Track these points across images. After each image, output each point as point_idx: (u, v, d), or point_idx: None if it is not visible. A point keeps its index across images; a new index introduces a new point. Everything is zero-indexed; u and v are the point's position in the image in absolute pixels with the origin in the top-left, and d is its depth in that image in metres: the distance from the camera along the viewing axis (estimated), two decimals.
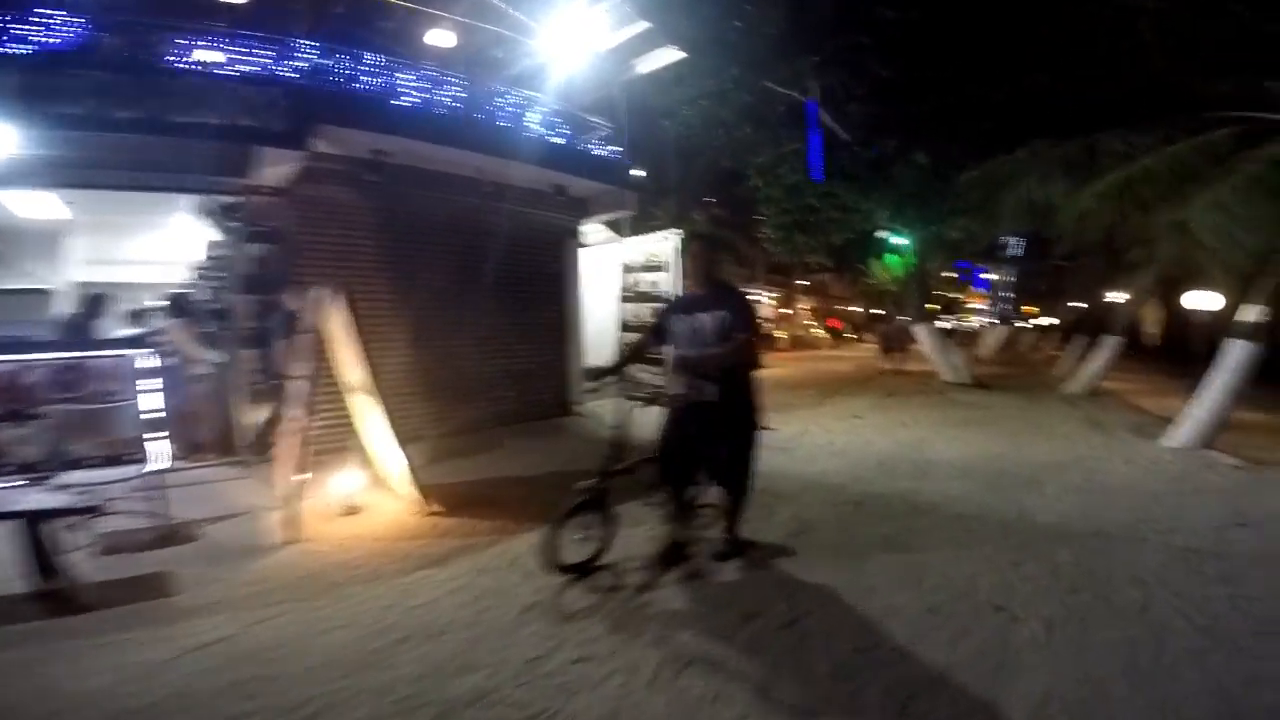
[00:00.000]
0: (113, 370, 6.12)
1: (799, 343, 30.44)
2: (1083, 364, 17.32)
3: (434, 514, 4.99)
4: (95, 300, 7.02)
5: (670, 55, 10.35)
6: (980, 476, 6.09)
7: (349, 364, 5.00)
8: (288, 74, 6.65)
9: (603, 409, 9.59)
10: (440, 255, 8.10)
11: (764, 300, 34.85)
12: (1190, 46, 7.79)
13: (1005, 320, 25.14)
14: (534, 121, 8.54)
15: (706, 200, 23.76)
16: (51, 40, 5.86)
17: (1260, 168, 6.56)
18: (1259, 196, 6.39)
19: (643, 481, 3.99)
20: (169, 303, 7.21)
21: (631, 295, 10.29)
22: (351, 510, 5.00)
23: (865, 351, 29.08)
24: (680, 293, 9.13)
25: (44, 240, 9.19)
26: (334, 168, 7.05)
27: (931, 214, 13.37)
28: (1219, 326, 8.99)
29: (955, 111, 11.89)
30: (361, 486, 5.14)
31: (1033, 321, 35.52)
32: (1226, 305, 10.07)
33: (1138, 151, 8.04)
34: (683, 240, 9.25)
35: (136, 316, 7.66)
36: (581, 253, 11.43)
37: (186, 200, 7.40)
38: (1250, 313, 7.34)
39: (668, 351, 3.87)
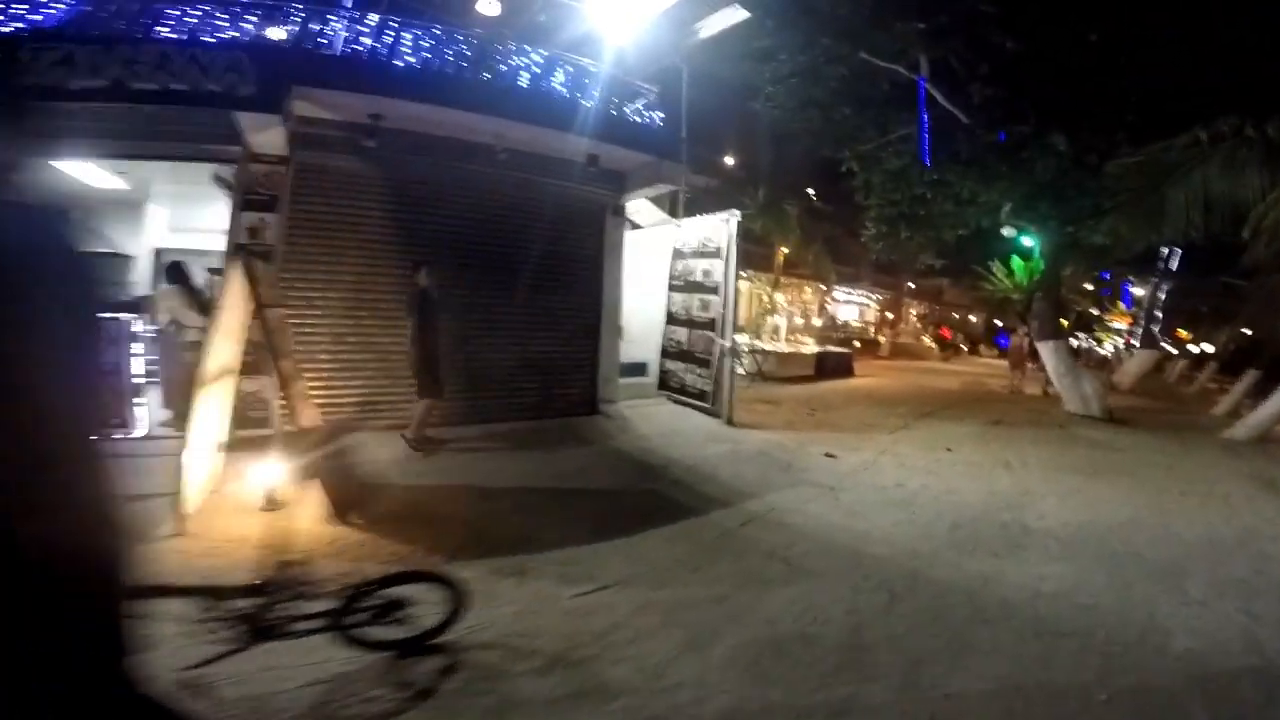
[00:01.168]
0: (110, 334, 5.85)
1: (901, 351, 27.86)
2: (1249, 403, 14.36)
3: (349, 524, 4.23)
4: (173, 266, 6.96)
5: (734, 15, 9.05)
6: (1095, 555, 4.46)
7: (230, 339, 4.28)
8: (268, 37, 6.36)
9: (637, 411, 8.58)
10: (451, 229, 7.43)
11: (859, 302, 32.34)
12: None
13: (1152, 344, 21.50)
14: (559, 82, 7.52)
15: (804, 190, 21.87)
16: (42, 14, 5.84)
17: None
18: None
19: None
20: (166, 269, 6.94)
21: (681, 284, 9.12)
22: (272, 505, 4.23)
23: (979, 367, 26.24)
24: (732, 282, 8.09)
25: (124, 209, 9.26)
26: (331, 134, 6.74)
27: (1070, 211, 11.16)
28: None
29: (1103, 88, 9.73)
30: (285, 479, 4.33)
31: (1186, 348, 30.62)
32: None
33: None
34: (740, 223, 7.97)
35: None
36: (631, 235, 10.40)
37: None
38: None
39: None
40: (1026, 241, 13.45)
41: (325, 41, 6.53)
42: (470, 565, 3.70)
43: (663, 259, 9.56)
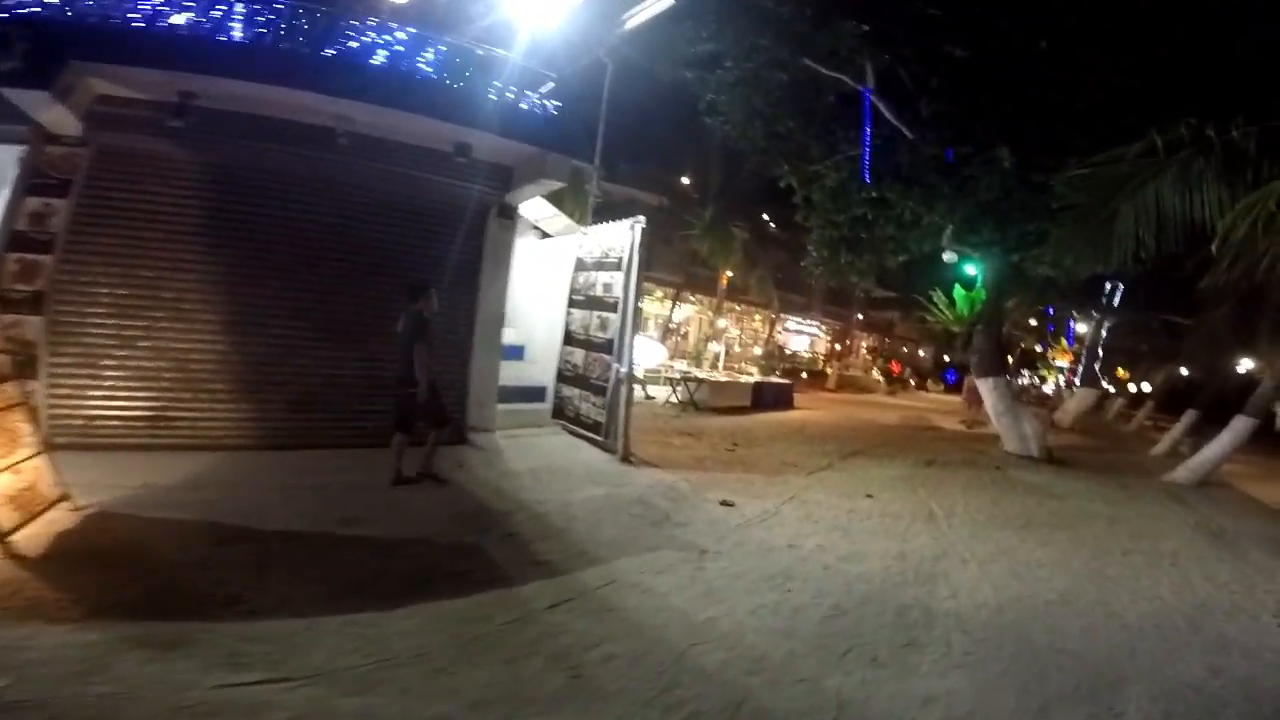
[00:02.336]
0: None
1: (848, 384, 27.23)
2: (1187, 442, 13.89)
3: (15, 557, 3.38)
4: None
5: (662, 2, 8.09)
6: (1011, 657, 3.35)
7: None
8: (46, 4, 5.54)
9: (517, 442, 7.37)
10: (285, 223, 6.29)
11: (810, 332, 31.81)
12: None
13: (1093, 382, 21.22)
14: (425, 63, 6.51)
15: (754, 212, 21.13)
16: None
17: None
18: None
19: None
20: None
21: (581, 299, 8.00)
22: None
23: (924, 402, 25.74)
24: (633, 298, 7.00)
25: None
26: (137, 114, 5.82)
27: (1013, 236, 10.47)
28: None
29: (1053, 100, 9.08)
30: None
31: (1125, 387, 30.77)
32: None
33: None
34: (645, 232, 6.92)
35: None
36: (538, 244, 9.28)
37: None
38: None
39: None
40: (970, 270, 12.75)
41: (118, 10, 5.66)
42: (107, 628, 2.82)
43: (565, 270, 8.45)
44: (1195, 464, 9.89)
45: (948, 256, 10.85)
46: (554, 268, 8.69)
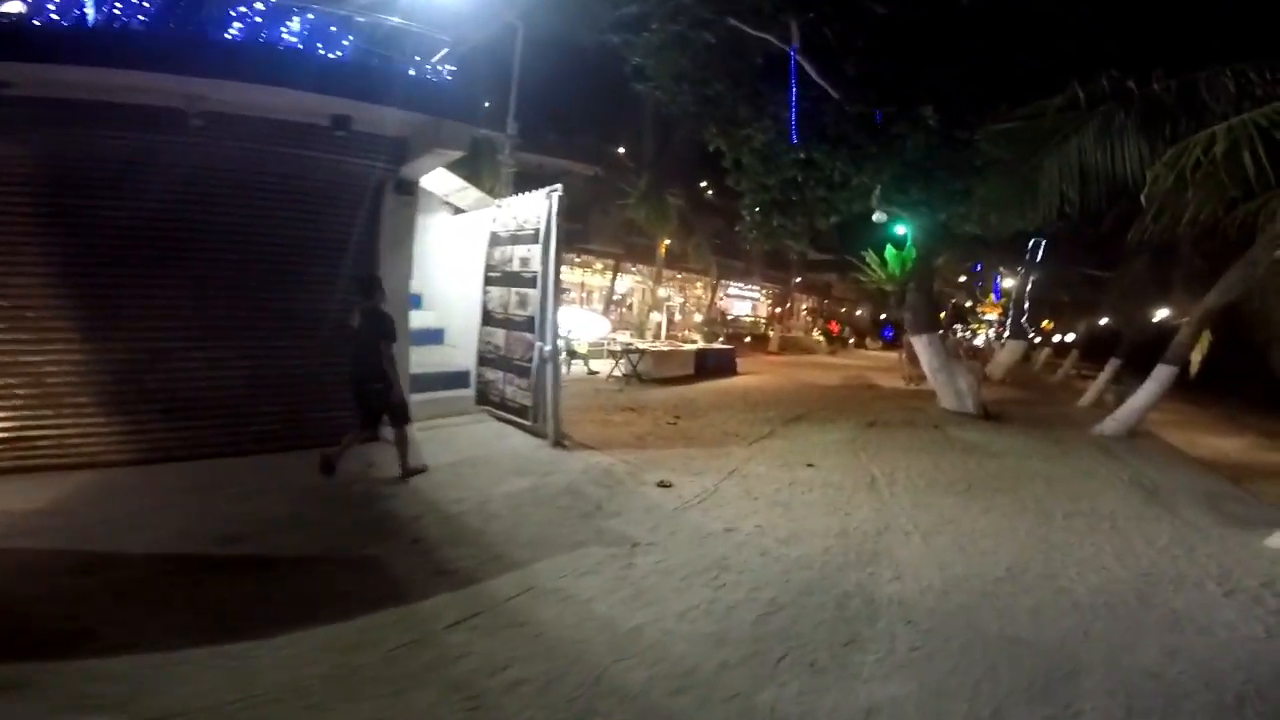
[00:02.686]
0: None
1: (790, 346, 27.42)
2: (1110, 391, 14.43)
3: None
4: None
5: None
6: (960, 651, 3.11)
7: None
8: None
9: (439, 434, 6.83)
10: (141, 216, 5.48)
11: (751, 296, 31.87)
12: None
13: (1020, 334, 21.93)
14: (289, 33, 5.87)
15: (690, 180, 20.68)
16: None
17: None
18: None
19: None
20: None
21: (498, 276, 7.44)
22: None
23: (864, 360, 26.18)
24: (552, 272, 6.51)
25: None
26: None
27: (940, 194, 10.39)
28: None
29: (975, 57, 8.92)
30: None
31: (1050, 338, 32.12)
32: None
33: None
34: (561, 201, 6.38)
35: None
36: (452, 221, 8.62)
37: None
38: None
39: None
40: (901, 230, 12.70)
41: None
42: None
43: (479, 247, 7.83)
44: (1122, 415, 10.15)
45: (877, 216, 10.71)
46: (470, 244, 8.05)
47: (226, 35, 5.87)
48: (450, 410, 7.50)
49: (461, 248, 8.29)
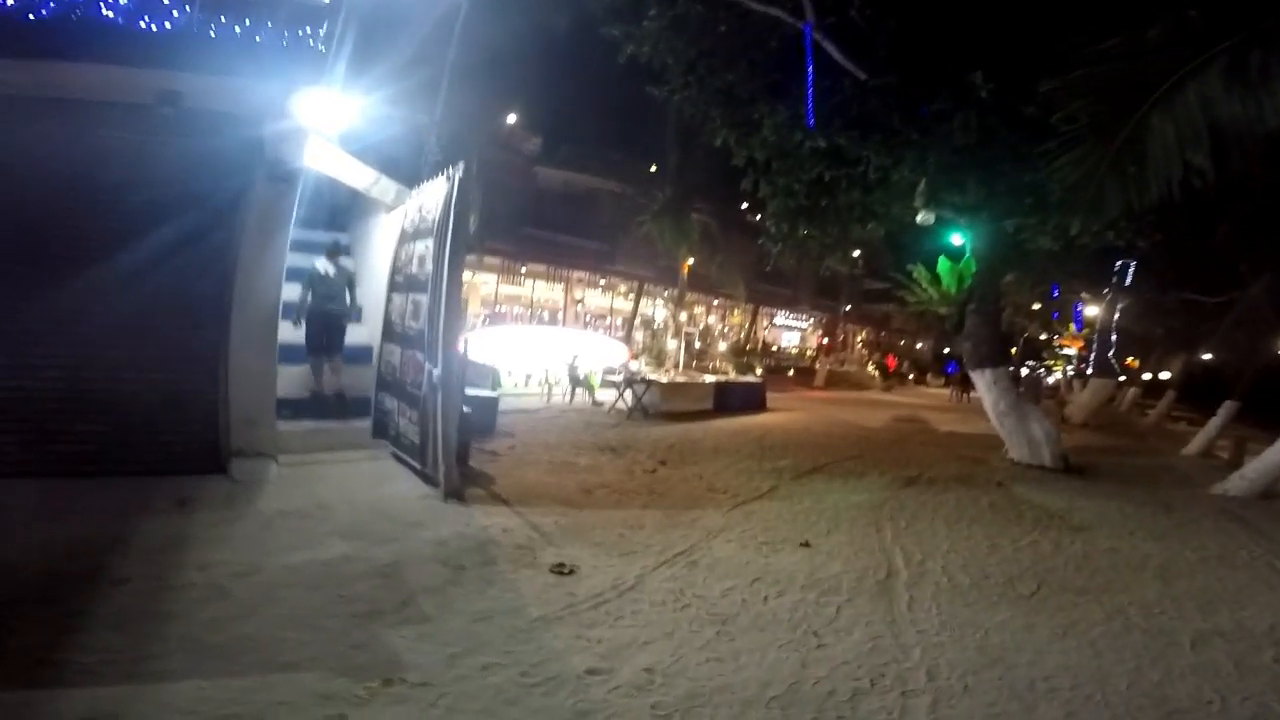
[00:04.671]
0: None
1: (840, 380, 25.02)
2: (1221, 439, 11.70)
3: None
4: None
5: None
6: None
7: None
8: None
9: (305, 472, 5.24)
10: None
11: (799, 326, 29.60)
12: None
13: (1107, 371, 18.91)
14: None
15: (718, 193, 18.94)
16: None
17: None
18: None
19: None
20: None
21: (402, 281, 5.85)
22: None
23: (921, 398, 23.49)
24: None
25: None
26: None
27: (1001, 193, 8.32)
28: None
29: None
30: None
31: (1139, 377, 28.22)
32: None
33: None
34: (462, 184, 4.76)
35: None
36: (382, 220, 7.16)
37: None
38: None
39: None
40: (956, 240, 10.53)
41: None
42: None
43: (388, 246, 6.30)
44: (1254, 471, 7.66)
45: (922, 218, 8.63)
46: (377, 243, 6.57)
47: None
48: (342, 443, 5.90)
49: (386, 249, 6.80)
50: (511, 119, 19.66)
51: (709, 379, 14.55)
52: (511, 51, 14.77)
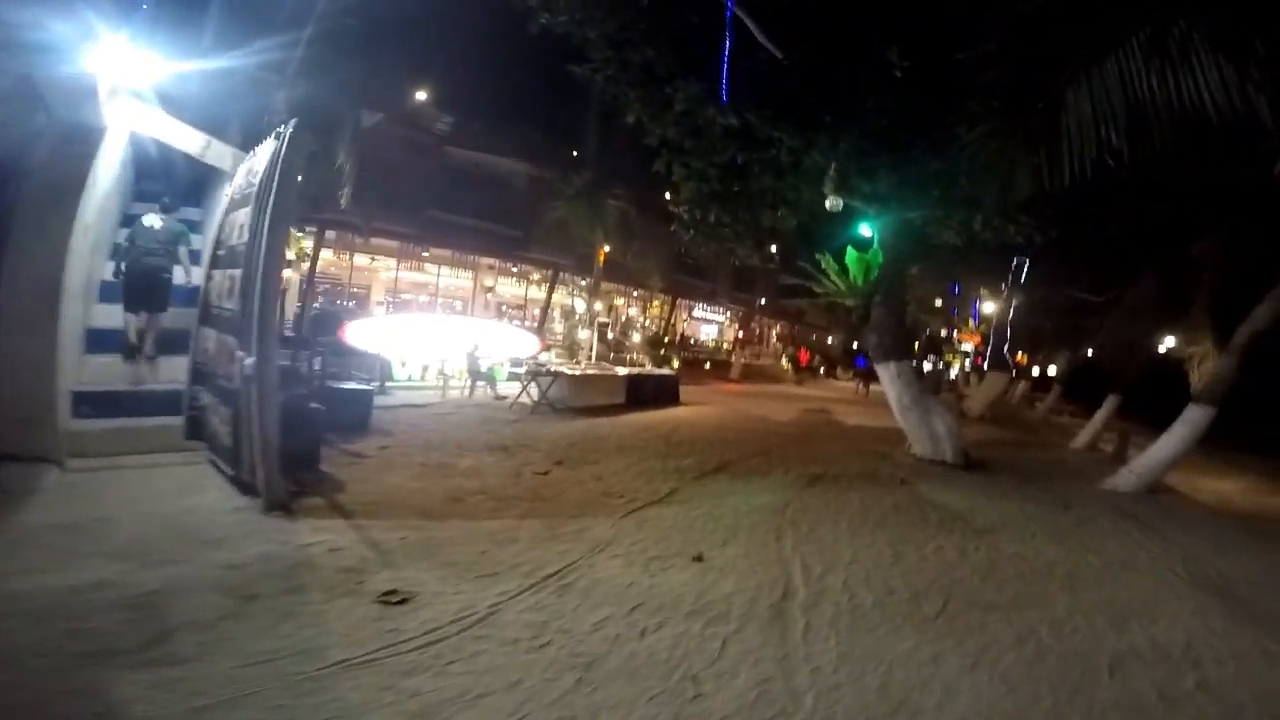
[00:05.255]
0: None
1: (755, 373, 25.06)
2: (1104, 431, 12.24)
3: None
4: None
5: None
6: None
7: None
8: None
9: (96, 479, 4.22)
10: None
11: (717, 319, 29.55)
12: None
13: (1003, 365, 19.71)
14: None
15: (640, 178, 18.28)
16: None
17: None
18: None
19: None
20: None
21: (224, 254, 4.85)
22: None
23: (831, 391, 23.85)
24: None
25: None
26: None
27: (912, 183, 8.11)
28: None
29: None
30: None
31: (1028, 371, 29.88)
32: None
33: None
34: (293, 139, 3.85)
35: None
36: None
37: None
38: None
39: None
40: (865, 231, 10.34)
41: None
42: None
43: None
44: (1143, 467, 7.77)
45: (830, 204, 8.30)
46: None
47: None
48: (154, 444, 4.84)
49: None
50: (421, 96, 18.27)
51: (622, 371, 13.90)
52: (414, 22, 13.58)
